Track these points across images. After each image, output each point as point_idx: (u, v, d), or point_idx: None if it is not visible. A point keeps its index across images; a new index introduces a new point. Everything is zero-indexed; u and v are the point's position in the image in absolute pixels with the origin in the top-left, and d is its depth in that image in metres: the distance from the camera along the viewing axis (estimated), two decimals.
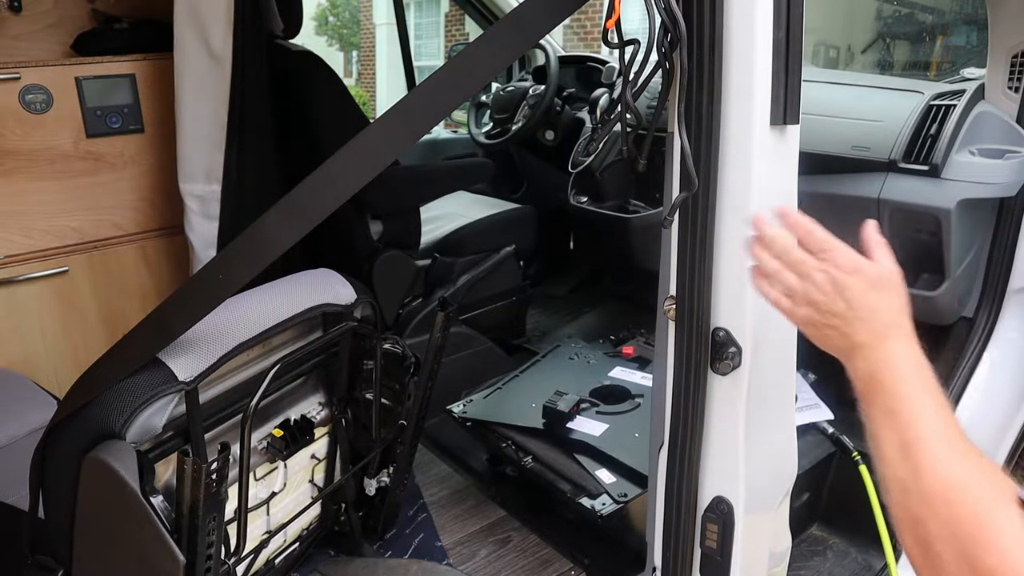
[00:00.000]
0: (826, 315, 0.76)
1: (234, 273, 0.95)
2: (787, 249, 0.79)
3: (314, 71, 2.03)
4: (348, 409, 1.56)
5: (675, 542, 1.00)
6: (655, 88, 0.86)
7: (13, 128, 1.92)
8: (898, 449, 0.70)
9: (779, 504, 1.02)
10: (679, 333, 0.93)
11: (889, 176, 1.73)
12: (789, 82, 0.83)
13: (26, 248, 2.01)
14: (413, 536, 1.80)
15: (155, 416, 1.07)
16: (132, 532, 1.04)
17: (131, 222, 2.16)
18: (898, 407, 0.72)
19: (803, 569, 1.69)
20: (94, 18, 2.15)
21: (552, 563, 1.72)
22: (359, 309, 1.45)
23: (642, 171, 0.90)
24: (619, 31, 0.85)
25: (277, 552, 1.52)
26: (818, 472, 1.73)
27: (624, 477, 1.62)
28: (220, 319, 1.16)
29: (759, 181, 0.85)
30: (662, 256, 0.96)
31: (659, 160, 0.93)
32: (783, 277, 0.78)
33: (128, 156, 2.11)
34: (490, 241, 2.53)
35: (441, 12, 12.55)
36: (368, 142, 0.90)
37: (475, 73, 0.91)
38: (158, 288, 2.21)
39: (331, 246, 1.85)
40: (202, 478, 1.03)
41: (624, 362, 2.10)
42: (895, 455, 0.70)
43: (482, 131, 2.99)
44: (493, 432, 1.86)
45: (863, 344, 0.75)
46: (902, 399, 0.72)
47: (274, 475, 1.41)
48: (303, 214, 0.90)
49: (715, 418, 0.93)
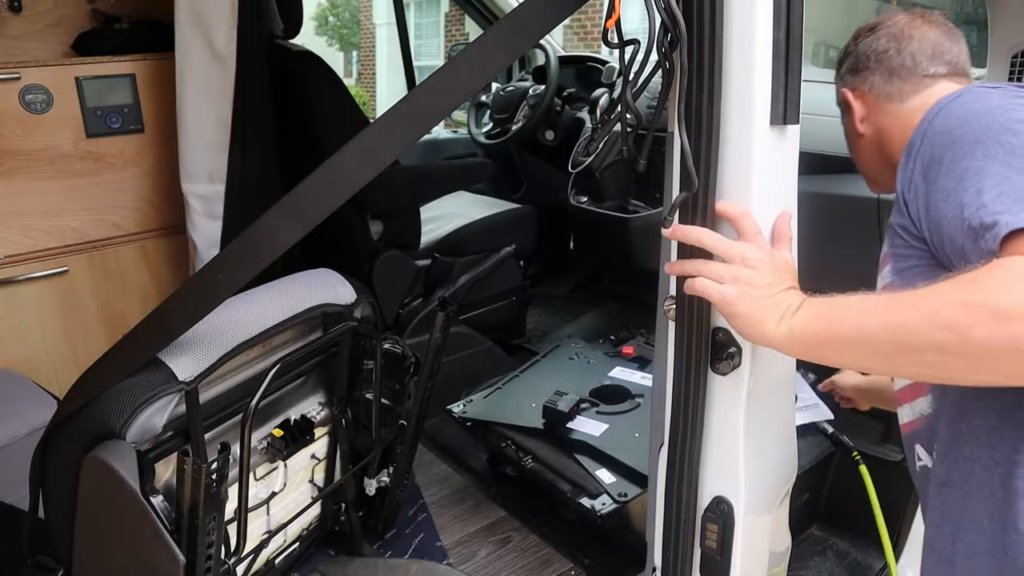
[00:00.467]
0: (754, 287, 0.79)
1: (234, 273, 0.95)
2: (705, 238, 0.84)
3: (314, 71, 2.03)
4: (348, 409, 1.56)
5: (675, 542, 1.00)
6: (655, 88, 0.86)
7: (13, 128, 1.92)
8: (894, 335, 0.69)
9: (779, 504, 1.02)
10: (679, 333, 0.93)
11: None
12: (789, 82, 0.83)
13: (26, 248, 2.01)
14: (413, 536, 1.80)
15: (155, 416, 1.07)
16: (132, 532, 1.04)
17: (131, 222, 2.16)
18: (852, 321, 0.73)
19: (803, 569, 1.70)
20: (94, 18, 2.15)
21: (552, 563, 1.72)
22: (359, 309, 1.45)
23: (642, 171, 0.90)
24: (619, 31, 0.84)
25: (277, 552, 1.52)
26: (818, 472, 1.73)
27: (624, 477, 1.62)
28: (220, 319, 1.16)
29: (759, 181, 0.84)
30: (662, 256, 0.96)
31: (659, 160, 0.93)
32: (710, 268, 0.82)
33: (128, 156, 2.11)
34: (490, 241, 2.53)
35: (441, 12, 12.55)
36: (368, 142, 0.90)
37: (475, 73, 0.91)
38: (158, 288, 2.21)
39: (331, 246, 1.85)
40: (202, 478, 1.03)
41: (624, 362, 2.10)
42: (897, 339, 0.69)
43: (482, 131, 2.99)
44: (493, 432, 1.86)
45: (792, 301, 0.78)
46: (845, 315, 0.74)
47: (274, 475, 1.41)
48: (303, 214, 0.90)
49: (715, 418, 0.93)
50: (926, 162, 0.80)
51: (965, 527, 0.82)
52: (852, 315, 0.73)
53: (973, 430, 0.81)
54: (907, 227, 0.84)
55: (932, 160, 0.79)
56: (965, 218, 0.72)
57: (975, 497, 0.81)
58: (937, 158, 0.79)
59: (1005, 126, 0.74)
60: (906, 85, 1.01)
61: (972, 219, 0.71)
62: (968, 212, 0.72)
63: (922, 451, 0.92)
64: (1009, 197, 0.69)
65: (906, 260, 0.85)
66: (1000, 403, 0.78)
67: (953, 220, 0.74)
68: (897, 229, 0.86)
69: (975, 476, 0.81)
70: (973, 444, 0.81)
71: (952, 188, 0.75)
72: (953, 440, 0.84)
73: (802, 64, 0.84)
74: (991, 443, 0.79)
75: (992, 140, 0.74)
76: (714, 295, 0.81)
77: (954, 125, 0.79)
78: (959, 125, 0.78)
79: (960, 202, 0.73)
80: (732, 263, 0.81)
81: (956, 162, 0.76)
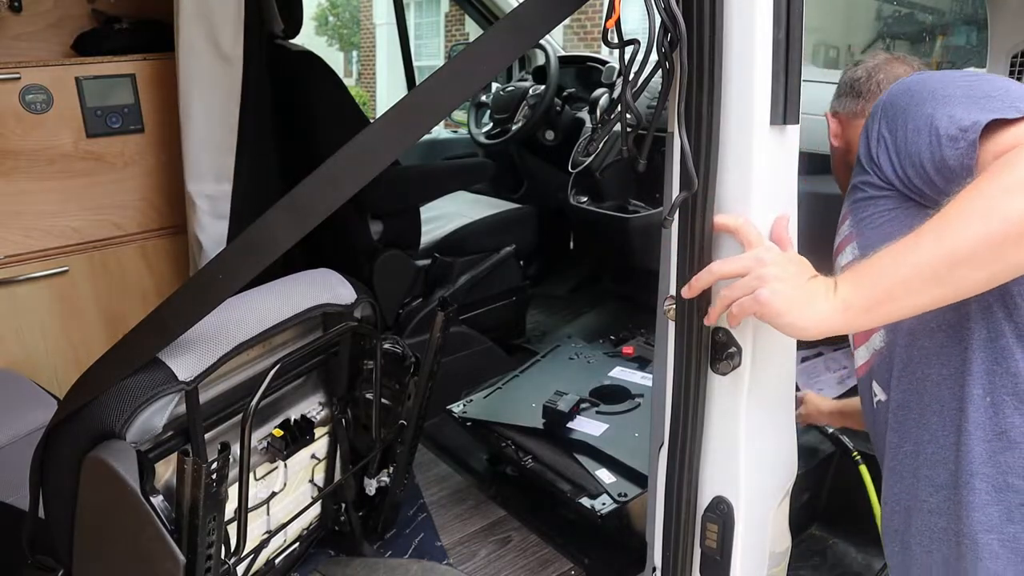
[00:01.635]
0: (784, 280, 0.78)
1: (234, 273, 0.94)
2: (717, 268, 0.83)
3: (314, 71, 2.04)
4: (348, 409, 1.56)
5: (675, 542, 1.00)
6: (655, 88, 0.86)
7: (13, 128, 1.92)
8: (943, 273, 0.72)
9: (779, 504, 1.02)
10: (679, 333, 0.93)
11: None
12: (789, 82, 0.83)
13: (26, 248, 2.01)
14: (413, 536, 1.80)
15: (155, 416, 1.07)
16: (132, 532, 1.04)
17: (131, 222, 2.16)
18: (901, 264, 0.74)
19: (803, 569, 1.70)
20: (94, 18, 2.15)
21: (552, 563, 1.72)
22: (359, 309, 1.45)
23: (642, 171, 0.90)
24: (619, 31, 0.84)
25: (277, 552, 1.52)
26: (818, 472, 1.73)
27: (624, 477, 1.62)
28: (220, 319, 1.16)
29: (759, 181, 0.84)
30: (662, 256, 0.96)
31: (659, 160, 0.93)
32: (732, 289, 0.81)
33: (128, 156, 2.11)
34: (490, 241, 2.53)
35: (441, 12, 12.55)
36: (368, 142, 0.90)
37: (475, 73, 0.91)
38: (158, 288, 2.21)
39: (331, 246, 1.85)
40: (202, 478, 1.03)
41: (624, 362, 2.10)
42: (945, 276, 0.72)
43: (482, 131, 2.99)
44: (493, 432, 1.86)
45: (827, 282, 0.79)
46: (888, 264, 0.75)
47: (274, 475, 1.41)
48: (303, 214, 0.90)
49: (715, 418, 0.93)
50: (890, 118, 0.88)
51: (924, 440, 0.89)
52: (896, 259, 0.74)
53: (923, 352, 0.88)
54: (869, 180, 0.92)
55: (896, 114, 0.87)
56: (941, 134, 0.80)
57: (929, 411, 0.88)
58: (900, 110, 0.87)
59: (956, 79, 0.86)
60: (868, 104, 1.16)
61: (949, 129, 0.79)
62: (943, 128, 0.80)
63: (877, 387, 0.98)
64: (977, 108, 0.78)
65: (865, 210, 0.93)
66: (947, 322, 0.85)
67: (929, 145, 0.82)
68: (859, 186, 0.94)
69: (928, 392, 0.88)
70: (924, 364, 0.89)
71: (923, 125, 0.83)
72: (906, 366, 0.91)
73: (802, 64, 0.84)
74: (940, 360, 0.87)
75: (950, 85, 0.85)
76: (751, 306, 0.79)
77: (910, 86, 0.88)
78: (915, 86, 0.88)
79: (933, 128, 0.81)
80: (751, 271, 0.80)
81: (920, 106, 0.85)
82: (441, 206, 2.71)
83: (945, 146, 0.80)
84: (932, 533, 0.89)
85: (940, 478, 0.87)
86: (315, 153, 2.00)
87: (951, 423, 0.86)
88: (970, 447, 0.83)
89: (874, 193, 0.91)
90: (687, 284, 0.86)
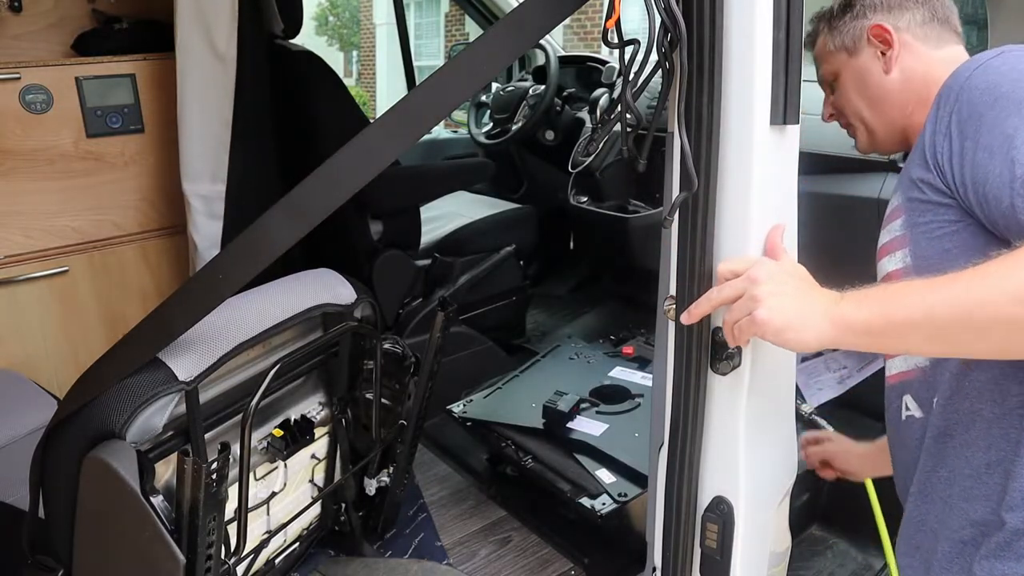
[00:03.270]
0: (780, 296, 0.76)
1: (234, 273, 0.94)
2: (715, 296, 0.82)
3: (314, 71, 2.03)
4: (348, 409, 1.56)
5: (675, 542, 1.00)
6: (655, 88, 0.86)
7: (13, 128, 1.92)
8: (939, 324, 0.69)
9: (779, 504, 1.02)
10: (679, 333, 0.93)
11: (889, 176, 1.72)
12: (789, 82, 0.83)
13: (26, 248, 2.01)
14: (413, 536, 1.80)
15: (155, 416, 1.07)
16: (132, 532, 1.04)
17: (131, 222, 2.16)
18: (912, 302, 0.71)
19: (803, 569, 1.70)
20: (94, 18, 2.15)
21: (552, 563, 1.72)
22: (359, 309, 1.45)
23: (642, 171, 0.90)
24: (619, 31, 0.84)
25: (277, 552, 1.52)
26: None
27: (624, 477, 1.62)
28: (220, 319, 1.16)
29: (759, 181, 0.84)
30: (662, 256, 0.96)
31: (659, 160, 0.93)
32: (732, 312, 0.79)
33: (128, 156, 2.11)
34: (490, 241, 2.53)
35: (441, 12, 12.55)
36: (368, 142, 0.90)
37: (475, 73, 0.91)
38: (158, 288, 2.21)
39: (331, 246, 1.85)
40: (202, 478, 1.03)
41: (624, 362, 2.10)
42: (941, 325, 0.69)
43: (482, 131, 2.99)
44: (493, 432, 1.86)
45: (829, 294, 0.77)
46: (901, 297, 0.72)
47: (274, 475, 1.41)
48: (303, 214, 0.90)
49: (715, 418, 0.93)
50: (963, 117, 0.78)
51: (963, 473, 0.85)
52: (909, 297, 0.71)
53: (975, 386, 0.83)
54: (930, 181, 0.82)
55: (971, 115, 0.77)
56: (1017, 175, 0.71)
57: (975, 447, 0.83)
58: (977, 114, 0.77)
59: None
60: (944, 33, 1.00)
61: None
62: (1020, 168, 0.71)
63: (912, 402, 0.93)
64: None
65: (922, 215, 0.84)
66: (1005, 360, 0.79)
67: (1000, 177, 0.73)
68: (918, 183, 0.84)
69: (976, 428, 0.83)
70: (975, 399, 0.83)
71: (998, 145, 0.73)
72: (954, 394, 0.85)
73: (802, 64, 0.84)
74: (993, 398, 0.81)
75: None
76: (749, 328, 0.78)
77: (997, 82, 0.77)
78: (1003, 82, 0.77)
79: (1010, 158, 0.72)
80: (746, 292, 0.78)
81: (1001, 119, 0.74)
82: (441, 206, 2.71)
83: (1018, 193, 0.71)
84: (961, 566, 0.84)
85: (977, 514, 0.83)
86: (315, 153, 2.00)
87: (997, 463, 0.81)
88: (1019, 491, 0.78)
89: (935, 199, 0.82)
90: (687, 311, 0.85)
